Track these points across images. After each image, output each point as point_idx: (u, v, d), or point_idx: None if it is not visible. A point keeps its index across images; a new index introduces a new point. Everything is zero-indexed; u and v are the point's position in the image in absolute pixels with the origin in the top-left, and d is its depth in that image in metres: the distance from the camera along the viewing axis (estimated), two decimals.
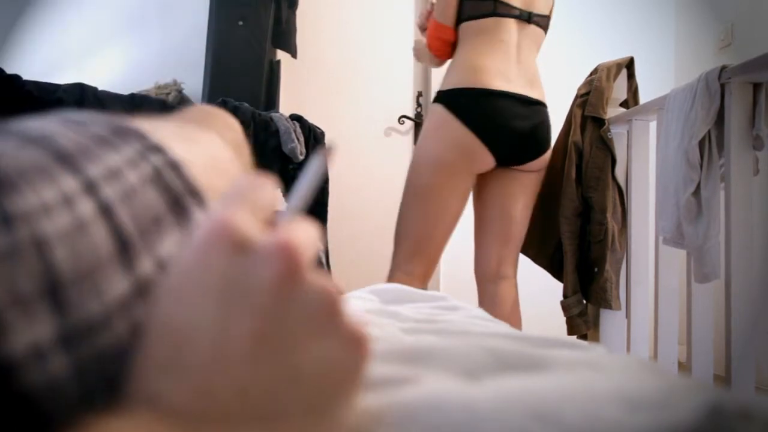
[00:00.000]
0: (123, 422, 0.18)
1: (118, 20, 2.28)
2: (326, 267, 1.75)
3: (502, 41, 1.57)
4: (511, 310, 1.65)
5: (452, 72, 1.60)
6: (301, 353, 0.21)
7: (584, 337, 1.75)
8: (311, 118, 1.97)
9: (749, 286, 1.23)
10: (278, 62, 2.22)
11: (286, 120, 1.81)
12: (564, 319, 1.76)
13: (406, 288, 0.70)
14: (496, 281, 1.66)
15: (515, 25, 1.59)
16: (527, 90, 1.58)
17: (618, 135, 1.76)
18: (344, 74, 2.68)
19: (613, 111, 1.79)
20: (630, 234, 1.71)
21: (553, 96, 2.12)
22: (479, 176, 1.64)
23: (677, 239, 1.42)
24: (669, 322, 1.59)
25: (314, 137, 1.91)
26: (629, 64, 1.82)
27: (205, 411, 0.19)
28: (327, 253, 1.90)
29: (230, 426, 0.20)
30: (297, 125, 1.84)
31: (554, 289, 1.82)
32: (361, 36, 2.72)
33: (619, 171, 1.74)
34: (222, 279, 0.21)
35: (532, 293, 2.18)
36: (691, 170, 1.35)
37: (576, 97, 1.82)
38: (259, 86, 2.10)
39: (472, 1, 1.57)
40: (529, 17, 1.61)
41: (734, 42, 2.50)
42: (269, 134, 1.74)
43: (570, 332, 1.73)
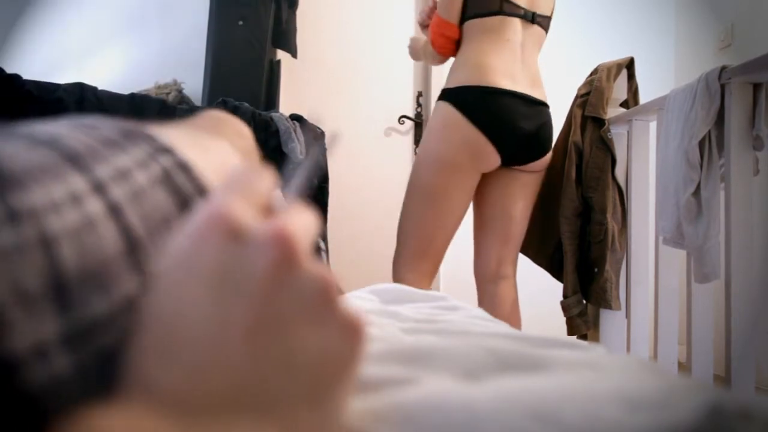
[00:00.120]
0: (117, 412, 0.18)
1: (118, 20, 2.28)
2: (326, 257, 1.75)
3: (508, 40, 1.57)
4: (511, 310, 1.65)
5: (458, 70, 1.59)
6: (296, 341, 0.21)
7: (584, 337, 1.75)
8: (311, 118, 1.97)
9: (749, 286, 1.23)
10: (278, 62, 2.22)
11: (286, 120, 1.81)
12: (564, 319, 1.76)
13: (406, 288, 0.70)
14: (496, 281, 1.66)
15: (520, 25, 1.59)
16: (531, 90, 1.58)
17: (618, 135, 1.76)
18: (344, 74, 2.68)
19: (613, 111, 1.79)
20: (630, 234, 1.71)
21: (553, 96, 2.12)
22: (481, 176, 1.64)
23: (677, 239, 1.42)
24: (669, 322, 1.59)
25: (314, 137, 1.91)
26: (629, 65, 1.82)
27: (200, 399, 0.19)
28: (326, 244, 1.90)
29: (225, 414, 0.19)
30: (297, 125, 1.84)
31: (554, 289, 1.82)
32: (361, 36, 2.72)
33: (619, 171, 1.74)
34: (217, 266, 0.21)
35: (532, 293, 2.18)
36: (691, 170, 1.35)
37: (576, 98, 1.82)
38: (259, 86, 2.09)
39: None
40: (533, 17, 1.61)
41: (734, 42, 2.50)
42: (269, 134, 1.74)
43: (570, 332, 1.73)
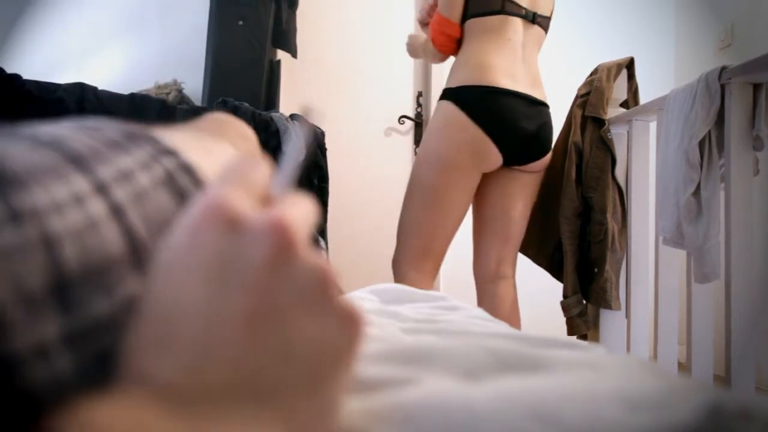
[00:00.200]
0: (114, 403, 0.18)
1: (118, 20, 2.28)
2: (326, 257, 1.74)
3: (509, 40, 1.56)
4: (511, 310, 1.65)
5: (459, 69, 1.58)
6: (294, 330, 0.21)
7: (584, 338, 1.75)
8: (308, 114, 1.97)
9: (749, 286, 1.23)
10: (278, 62, 2.22)
11: (286, 120, 1.81)
12: (564, 319, 1.76)
13: (406, 288, 0.70)
14: (496, 281, 1.66)
15: (521, 25, 1.59)
16: (531, 90, 1.58)
17: (618, 135, 1.76)
18: (344, 74, 2.68)
19: (613, 111, 1.79)
20: (630, 234, 1.71)
21: (553, 96, 2.12)
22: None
23: (677, 239, 1.42)
24: (669, 322, 1.59)
25: (314, 137, 1.91)
26: (629, 65, 1.82)
27: (197, 389, 0.19)
28: (326, 243, 1.90)
29: (223, 404, 0.19)
30: (297, 122, 1.83)
31: (554, 289, 1.82)
32: (361, 36, 2.72)
33: (619, 171, 1.74)
34: (215, 256, 0.21)
35: (532, 293, 2.18)
36: (691, 170, 1.35)
37: (576, 98, 1.82)
38: (259, 86, 2.09)
39: None
40: (534, 18, 1.61)
41: (734, 42, 2.50)
42: (269, 134, 1.74)
43: (570, 332, 1.73)
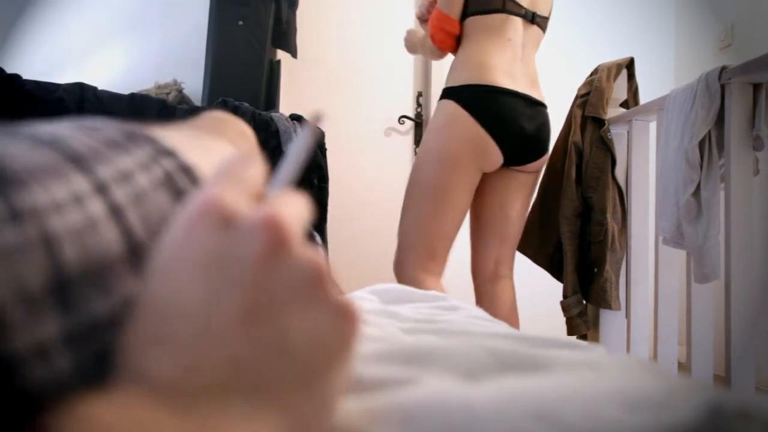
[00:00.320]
0: (111, 401, 0.18)
1: (119, 20, 2.28)
2: (326, 256, 1.74)
3: (510, 40, 1.56)
4: (510, 310, 1.65)
5: (460, 68, 1.58)
6: (289, 325, 0.21)
7: (584, 338, 1.75)
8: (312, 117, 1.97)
9: (749, 286, 1.23)
10: (278, 62, 2.22)
11: (286, 120, 1.81)
12: (564, 319, 1.76)
13: (406, 288, 0.70)
14: (494, 281, 1.66)
15: (521, 25, 1.59)
16: (530, 90, 1.58)
17: (618, 135, 1.76)
18: (344, 74, 2.68)
19: (613, 111, 1.79)
20: (630, 234, 1.71)
21: (553, 96, 2.12)
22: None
23: (677, 239, 1.42)
24: (669, 323, 1.59)
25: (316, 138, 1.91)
26: (629, 65, 1.83)
27: (194, 386, 0.19)
28: (326, 243, 1.89)
29: (219, 400, 0.19)
30: (297, 125, 1.84)
31: (554, 289, 1.82)
32: (361, 36, 2.72)
33: (619, 171, 1.74)
34: (209, 253, 0.21)
35: (532, 293, 2.18)
36: (691, 170, 1.35)
37: (576, 98, 1.82)
38: (259, 86, 2.09)
39: None
40: (533, 18, 1.61)
41: (734, 42, 2.50)
42: (269, 134, 1.74)
43: (570, 332, 1.73)
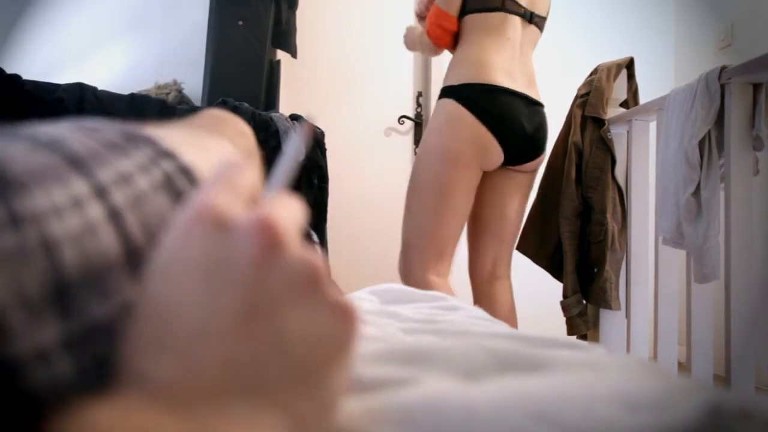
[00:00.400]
0: (113, 405, 0.18)
1: (119, 20, 2.28)
2: (326, 256, 1.73)
3: (509, 39, 1.56)
4: (508, 310, 1.65)
5: (459, 67, 1.57)
6: (287, 324, 0.21)
7: (584, 338, 1.75)
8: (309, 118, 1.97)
9: (749, 286, 1.23)
10: (278, 62, 2.22)
11: (286, 120, 1.81)
12: (564, 319, 1.76)
13: (406, 288, 0.70)
14: (492, 281, 1.66)
15: (519, 24, 1.59)
16: (528, 90, 1.57)
17: (618, 135, 1.76)
18: (344, 74, 2.68)
19: (613, 111, 1.79)
20: (630, 234, 1.71)
21: (553, 96, 2.12)
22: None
23: (677, 239, 1.42)
24: (669, 322, 1.59)
25: (314, 137, 1.91)
26: (629, 65, 1.83)
27: (194, 387, 0.19)
28: (326, 243, 1.89)
29: (219, 401, 0.19)
30: (296, 125, 1.84)
31: (554, 289, 1.82)
32: (361, 36, 2.72)
33: (619, 171, 1.74)
34: (205, 256, 0.21)
35: (532, 293, 2.18)
36: (691, 170, 1.35)
37: (576, 98, 1.82)
38: (259, 86, 2.09)
39: None
40: (531, 17, 1.60)
41: (734, 42, 2.50)
42: (269, 134, 1.74)
43: (570, 332, 1.73)
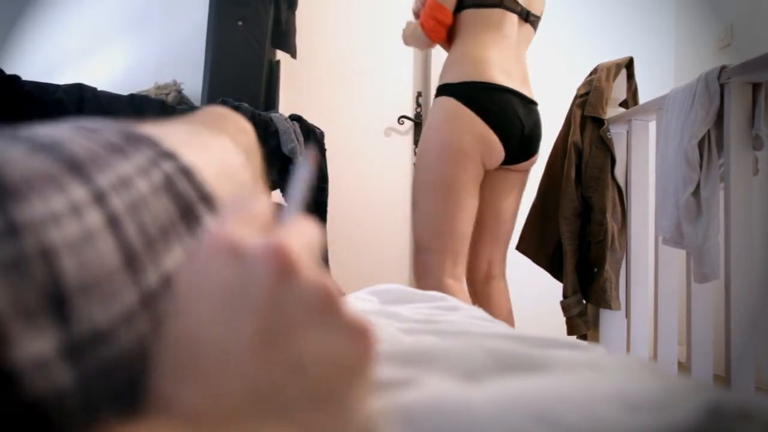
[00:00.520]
0: (141, 428, 0.19)
1: (119, 20, 2.28)
2: (326, 264, 1.73)
3: (506, 37, 1.55)
4: (505, 310, 1.65)
5: (457, 64, 1.55)
6: (303, 347, 0.22)
7: (584, 338, 1.75)
8: (311, 118, 1.97)
9: (749, 286, 1.23)
10: (278, 62, 2.22)
11: (286, 120, 1.81)
12: (564, 319, 1.76)
13: (406, 288, 0.70)
14: (488, 281, 1.65)
15: (516, 22, 1.58)
16: (524, 88, 1.57)
17: (617, 135, 1.76)
18: (344, 74, 2.68)
19: (613, 111, 1.79)
20: (630, 234, 1.71)
21: (553, 96, 2.12)
22: None
23: (677, 239, 1.42)
24: (669, 322, 1.59)
25: (314, 137, 1.91)
26: (628, 64, 1.83)
27: (218, 412, 0.20)
28: (326, 252, 1.89)
29: (242, 424, 0.20)
30: (297, 125, 1.84)
31: (554, 289, 1.82)
32: (361, 36, 2.73)
33: (619, 171, 1.74)
34: (222, 285, 0.22)
35: (532, 293, 2.18)
36: (691, 170, 1.35)
37: (575, 97, 1.82)
38: (259, 86, 2.09)
39: None
40: (527, 16, 1.60)
41: (734, 42, 2.50)
42: (269, 134, 1.74)
43: (570, 332, 1.73)
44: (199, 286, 0.22)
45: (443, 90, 1.56)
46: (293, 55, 2.29)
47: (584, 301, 1.75)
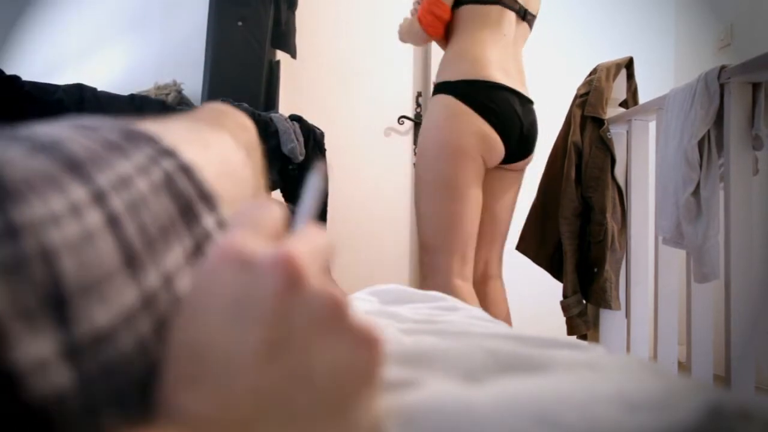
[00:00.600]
0: None
1: (119, 20, 2.28)
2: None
3: (505, 35, 1.55)
4: (502, 310, 1.64)
5: (456, 62, 1.54)
6: (311, 357, 0.22)
7: (584, 338, 1.75)
8: (311, 118, 1.97)
9: (749, 286, 1.23)
10: (278, 62, 2.22)
11: (286, 120, 1.81)
12: (564, 319, 1.76)
13: (406, 289, 0.70)
14: (484, 282, 1.65)
15: (514, 20, 1.58)
16: (521, 87, 1.56)
17: (617, 135, 1.76)
18: (344, 74, 2.68)
19: (613, 111, 1.79)
20: (630, 234, 1.71)
21: (553, 96, 2.12)
22: None
23: (677, 239, 1.42)
24: (669, 322, 1.59)
25: (314, 138, 1.91)
26: (628, 64, 1.83)
27: (226, 420, 0.20)
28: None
29: None
30: (296, 125, 1.84)
31: (554, 289, 1.82)
32: (361, 36, 2.72)
33: (619, 171, 1.74)
34: (230, 294, 0.22)
35: (532, 293, 2.18)
36: (691, 170, 1.35)
37: (575, 97, 1.82)
38: (259, 86, 2.09)
39: None
40: (525, 14, 1.60)
41: (734, 42, 2.50)
42: (269, 134, 1.74)
43: (570, 332, 1.73)
44: (208, 295, 0.22)
45: (441, 88, 1.54)
46: (293, 55, 2.29)
47: (584, 301, 1.75)
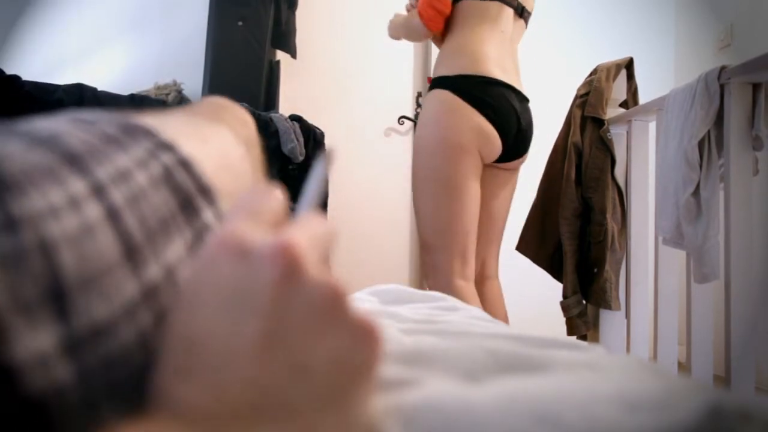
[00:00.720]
0: (144, 426, 0.19)
1: (118, 20, 2.28)
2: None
3: (503, 32, 1.55)
4: (499, 310, 1.64)
5: (454, 57, 1.52)
6: (309, 348, 0.22)
7: (584, 338, 1.75)
8: (311, 118, 1.97)
9: (749, 287, 1.23)
10: (278, 62, 2.22)
11: (286, 120, 1.81)
12: (564, 320, 1.76)
13: (406, 288, 0.70)
14: (481, 282, 1.64)
15: (512, 17, 1.57)
16: (518, 84, 1.56)
17: (618, 135, 1.76)
18: (344, 74, 2.68)
19: (613, 111, 1.79)
20: (630, 234, 1.71)
21: (553, 96, 2.12)
22: None
23: (677, 239, 1.42)
24: (669, 323, 1.59)
25: (314, 138, 1.91)
26: (628, 65, 1.83)
27: (222, 411, 0.20)
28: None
29: (246, 425, 0.20)
30: (296, 125, 1.84)
31: (554, 290, 1.82)
32: (361, 36, 2.72)
33: (619, 171, 1.74)
34: (228, 284, 0.22)
35: (532, 293, 2.18)
36: (691, 170, 1.35)
37: (575, 98, 1.82)
38: (259, 86, 2.10)
39: None
40: (522, 12, 1.60)
41: (734, 42, 2.50)
42: (269, 134, 1.74)
43: (570, 333, 1.73)
44: (206, 285, 0.22)
45: (438, 83, 1.52)
46: (293, 55, 2.29)
47: (584, 302, 1.75)
